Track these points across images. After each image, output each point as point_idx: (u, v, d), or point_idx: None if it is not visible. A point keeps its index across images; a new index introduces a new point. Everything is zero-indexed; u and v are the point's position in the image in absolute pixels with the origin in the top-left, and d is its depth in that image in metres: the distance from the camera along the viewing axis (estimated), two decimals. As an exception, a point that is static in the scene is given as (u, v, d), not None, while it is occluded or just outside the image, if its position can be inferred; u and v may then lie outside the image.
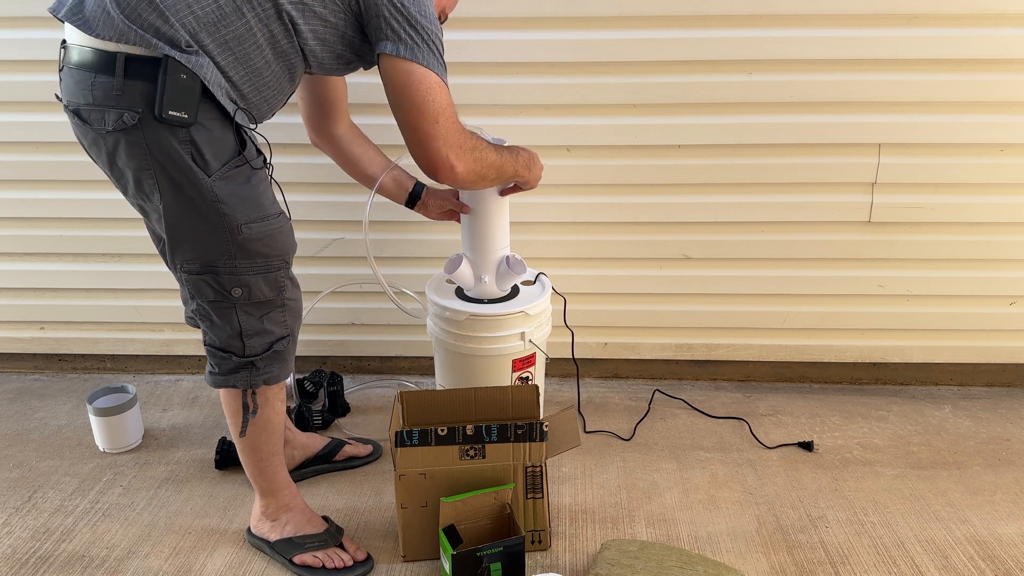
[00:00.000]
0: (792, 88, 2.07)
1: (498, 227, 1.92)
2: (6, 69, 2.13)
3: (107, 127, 1.34)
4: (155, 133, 1.33)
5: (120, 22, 1.29)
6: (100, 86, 1.32)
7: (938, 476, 1.96)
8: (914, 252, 2.23)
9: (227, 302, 1.47)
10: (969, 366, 2.40)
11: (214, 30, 1.33)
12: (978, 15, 1.98)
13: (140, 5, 1.29)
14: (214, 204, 1.39)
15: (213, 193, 1.39)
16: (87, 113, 1.35)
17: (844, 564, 1.66)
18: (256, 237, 1.44)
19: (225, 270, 1.44)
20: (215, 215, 1.40)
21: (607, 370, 2.46)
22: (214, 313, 1.48)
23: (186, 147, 1.35)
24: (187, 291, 1.51)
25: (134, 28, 1.29)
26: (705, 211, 2.21)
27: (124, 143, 1.35)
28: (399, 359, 2.47)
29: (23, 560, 1.68)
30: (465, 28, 2.04)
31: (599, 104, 2.10)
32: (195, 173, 1.37)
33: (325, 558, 1.63)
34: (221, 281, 1.45)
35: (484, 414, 1.73)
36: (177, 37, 1.30)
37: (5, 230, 2.31)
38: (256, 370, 1.53)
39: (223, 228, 1.41)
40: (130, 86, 1.31)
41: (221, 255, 1.43)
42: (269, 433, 1.60)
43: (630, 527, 1.78)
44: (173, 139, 1.34)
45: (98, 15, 1.30)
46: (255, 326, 1.50)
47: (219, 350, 1.51)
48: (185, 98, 1.32)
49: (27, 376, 2.51)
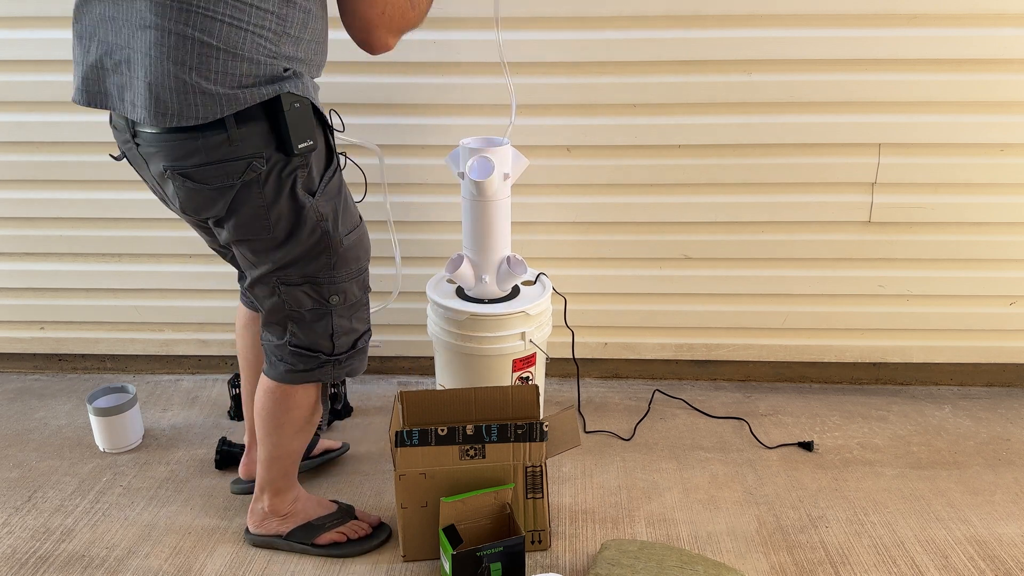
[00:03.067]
0: (792, 88, 2.07)
1: (499, 227, 1.92)
2: (6, 69, 2.13)
3: (233, 181, 1.29)
4: (277, 170, 1.31)
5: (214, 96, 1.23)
6: (210, 143, 1.26)
7: (938, 476, 1.96)
8: (914, 252, 2.23)
9: (324, 309, 1.47)
10: (969, 366, 2.40)
11: (290, 39, 1.28)
12: (978, 15, 1.99)
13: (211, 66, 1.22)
14: (318, 223, 1.39)
15: (318, 213, 1.39)
16: (201, 174, 1.29)
17: (844, 564, 1.66)
18: (351, 246, 1.46)
19: (325, 280, 1.44)
20: (319, 234, 1.40)
21: (607, 370, 2.46)
22: (309, 318, 1.48)
23: (302, 172, 1.34)
24: (278, 299, 1.46)
25: (236, 91, 1.24)
26: (705, 211, 2.21)
27: (254, 188, 1.31)
28: (399, 359, 2.47)
29: (23, 560, 1.68)
30: (465, 28, 2.04)
31: (599, 104, 2.10)
32: (303, 199, 1.36)
33: (348, 531, 1.69)
34: (320, 291, 1.45)
35: (484, 414, 1.73)
36: (274, 68, 1.26)
37: (5, 230, 2.31)
38: (340, 365, 1.55)
39: (326, 245, 1.41)
40: (246, 132, 1.26)
41: (322, 268, 1.43)
42: (309, 433, 1.62)
43: (630, 527, 1.78)
44: (292, 169, 1.33)
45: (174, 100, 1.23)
46: (345, 326, 1.51)
47: (307, 350, 1.51)
48: (306, 125, 1.30)
49: (27, 376, 2.51)
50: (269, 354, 1.54)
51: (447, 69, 2.08)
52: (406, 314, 2.35)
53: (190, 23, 1.19)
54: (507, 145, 1.88)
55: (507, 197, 1.91)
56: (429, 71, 2.09)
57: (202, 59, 1.21)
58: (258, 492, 1.68)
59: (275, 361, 1.53)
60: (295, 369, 1.52)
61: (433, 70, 2.09)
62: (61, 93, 2.13)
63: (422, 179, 2.20)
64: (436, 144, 2.15)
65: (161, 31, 1.20)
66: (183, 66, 1.21)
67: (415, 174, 2.20)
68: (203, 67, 1.21)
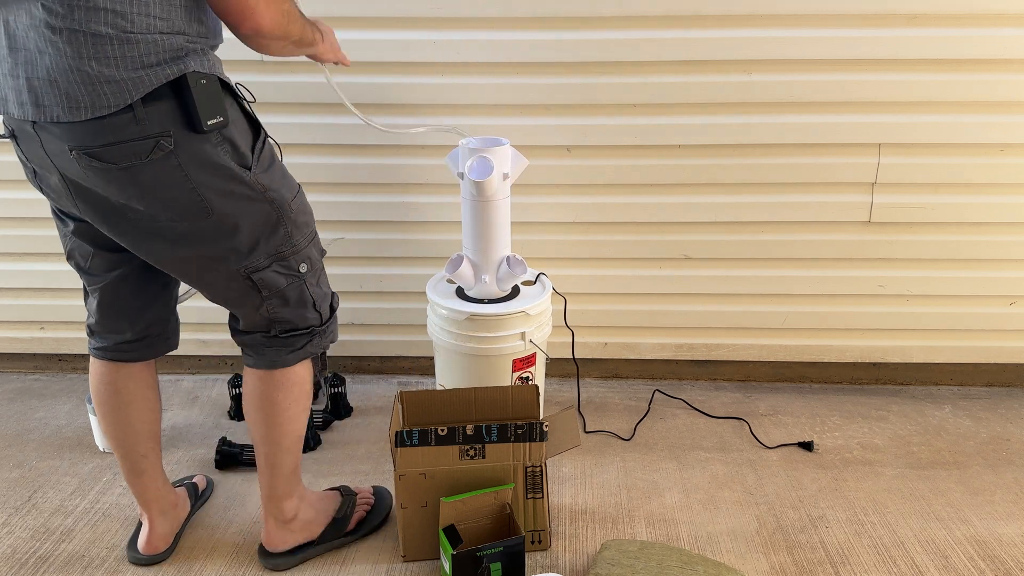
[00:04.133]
0: (792, 88, 2.07)
1: (499, 227, 1.92)
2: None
3: (140, 160, 1.26)
4: (192, 148, 1.28)
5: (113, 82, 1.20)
6: (116, 123, 1.23)
7: (938, 476, 1.96)
8: (914, 252, 2.23)
9: (298, 281, 1.47)
10: (969, 366, 2.40)
11: (180, 11, 1.24)
12: (978, 15, 1.99)
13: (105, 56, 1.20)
14: (264, 194, 1.38)
15: (260, 185, 1.37)
16: (108, 153, 1.25)
17: (844, 564, 1.66)
18: (299, 209, 1.46)
19: (289, 251, 1.44)
20: (269, 205, 1.39)
21: (607, 370, 2.46)
22: (289, 298, 1.48)
23: (224, 149, 1.32)
24: (253, 294, 1.44)
25: (139, 72, 1.22)
26: (705, 211, 2.21)
27: (164, 169, 1.28)
28: (399, 359, 2.47)
29: (23, 560, 1.68)
30: (465, 28, 2.04)
31: (599, 104, 2.10)
32: (239, 173, 1.34)
33: (364, 504, 1.77)
34: (288, 264, 1.45)
35: (484, 414, 1.73)
36: (172, 43, 1.24)
37: (5, 230, 2.31)
38: (325, 334, 1.56)
39: (279, 215, 1.41)
40: (152, 111, 1.24)
41: (282, 240, 1.43)
42: (308, 412, 1.62)
43: (630, 527, 1.78)
44: (209, 147, 1.30)
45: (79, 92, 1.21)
46: (318, 293, 1.52)
47: (300, 330, 1.51)
48: (214, 101, 1.28)
49: (27, 376, 2.51)
50: (257, 346, 1.52)
51: (447, 69, 2.08)
52: (406, 314, 2.35)
53: (75, 18, 1.18)
54: (507, 145, 1.88)
55: (507, 197, 1.91)
56: (429, 71, 2.09)
57: (97, 48, 1.20)
58: (275, 504, 1.62)
59: (264, 350, 1.52)
60: (292, 348, 1.52)
61: (433, 70, 2.09)
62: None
63: (422, 179, 2.20)
64: (436, 144, 2.15)
65: (53, 30, 1.19)
66: (82, 59, 1.20)
67: (415, 174, 2.20)
68: (100, 55, 1.20)
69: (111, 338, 1.57)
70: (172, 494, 1.72)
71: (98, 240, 1.46)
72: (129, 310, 1.55)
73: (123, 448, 1.61)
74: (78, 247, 1.49)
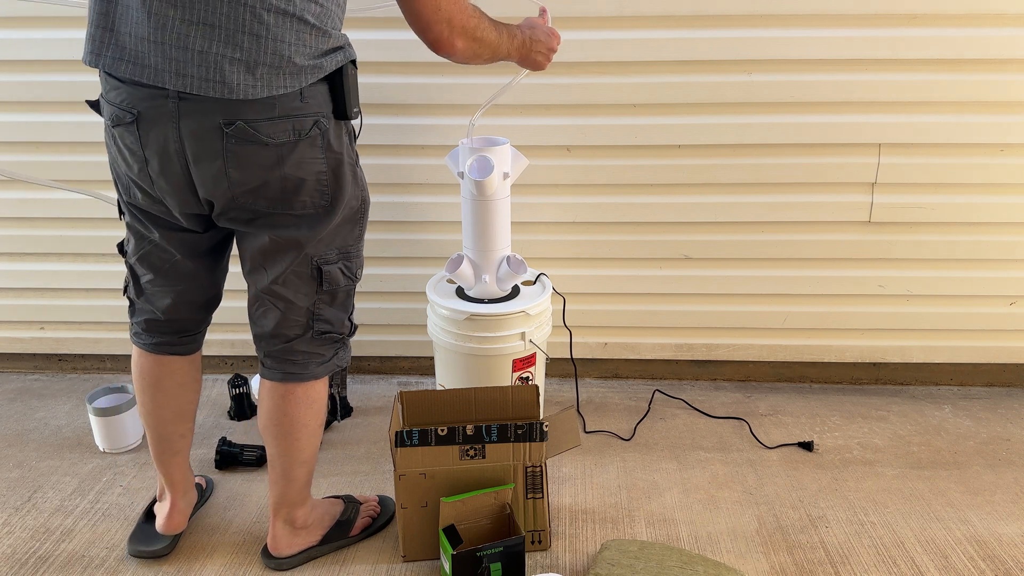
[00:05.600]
0: (792, 88, 2.07)
1: (499, 227, 1.92)
2: (6, 69, 2.13)
3: (298, 137, 1.30)
4: (335, 132, 1.35)
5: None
6: (285, 98, 1.27)
7: (938, 476, 1.96)
8: (914, 252, 2.23)
9: (351, 284, 1.50)
10: (969, 366, 2.40)
11: (339, 10, 1.32)
12: (978, 15, 1.99)
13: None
14: (362, 192, 1.44)
15: (363, 182, 1.44)
16: (269, 128, 1.27)
17: (844, 564, 1.66)
18: (367, 212, 1.49)
19: (354, 252, 1.48)
20: (361, 203, 1.45)
21: (607, 370, 2.46)
22: (339, 299, 1.49)
23: (349, 139, 1.39)
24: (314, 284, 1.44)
25: (319, 60, 1.28)
26: (705, 211, 2.21)
27: (309, 149, 1.32)
28: (399, 359, 2.47)
29: (23, 560, 1.68)
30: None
31: (599, 104, 2.11)
32: (356, 166, 1.41)
33: (369, 512, 1.76)
34: (350, 265, 1.48)
35: (484, 414, 1.73)
36: (339, 38, 1.31)
37: (5, 230, 2.31)
38: (346, 347, 1.57)
39: (362, 212, 1.46)
40: (313, 91, 1.29)
41: (354, 240, 1.47)
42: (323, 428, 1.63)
43: (630, 527, 1.78)
44: (344, 134, 1.37)
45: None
46: (351, 304, 1.55)
47: (336, 334, 1.52)
48: (357, 91, 1.36)
49: (27, 376, 2.51)
50: (283, 356, 1.49)
51: (447, 69, 2.08)
52: (406, 314, 2.35)
53: (294, 2, 1.23)
54: (507, 145, 1.88)
55: (507, 197, 1.91)
56: (429, 71, 2.09)
57: (299, 34, 1.25)
58: (285, 512, 1.62)
59: (292, 361, 1.49)
60: (322, 359, 1.51)
61: (433, 70, 2.09)
62: (61, 93, 2.13)
63: (422, 179, 2.20)
64: (436, 144, 2.15)
65: (268, 8, 1.21)
66: (282, 42, 1.24)
67: (415, 174, 2.20)
68: (298, 41, 1.25)
69: (176, 335, 1.58)
70: (192, 474, 1.75)
71: (189, 247, 1.47)
72: (201, 307, 1.59)
73: (164, 428, 1.63)
74: (159, 252, 1.48)
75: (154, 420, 1.62)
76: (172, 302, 1.53)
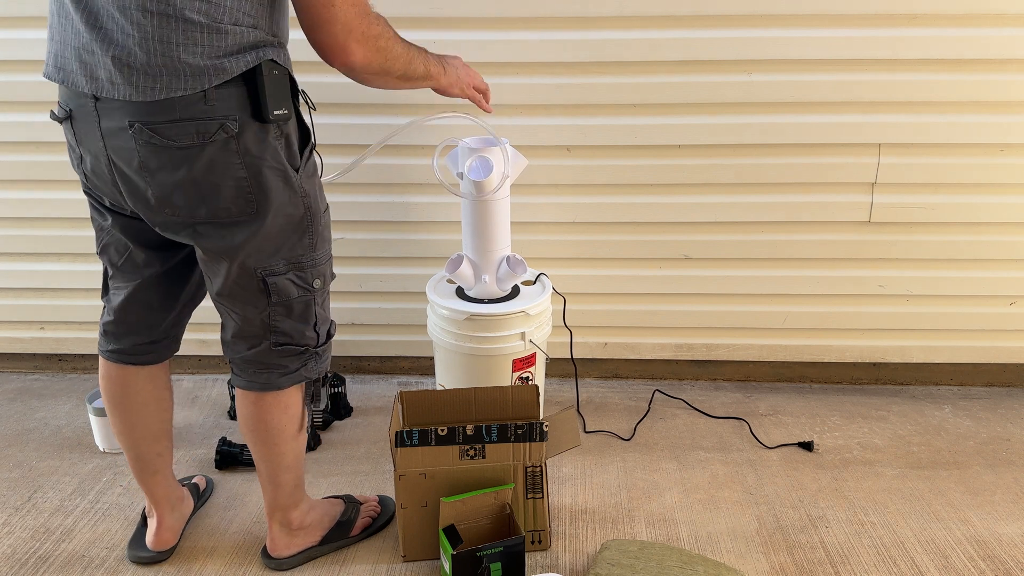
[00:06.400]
0: (792, 88, 2.07)
1: (499, 227, 1.92)
2: (6, 69, 2.13)
3: (203, 140, 1.25)
4: (252, 136, 1.28)
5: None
6: (186, 102, 1.23)
7: (938, 476, 1.96)
8: (914, 252, 2.23)
9: (308, 295, 1.45)
10: (969, 366, 2.40)
11: (265, 10, 1.26)
12: (978, 15, 1.99)
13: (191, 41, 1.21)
14: (303, 199, 1.38)
15: (302, 189, 1.37)
16: (171, 130, 1.24)
17: (844, 564, 1.66)
18: (325, 224, 1.45)
19: (308, 263, 1.43)
20: (302, 210, 1.38)
21: (607, 370, 2.46)
22: (296, 310, 1.45)
23: (280, 144, 1.32)
24: (262, 296, 1.41)
25: (221, 60, 1.23)
26: (705, 211, 2.21)
27: (220, 154, 1.27)
28: (399, 359, 2.47)
29: (23, 560, 1.68)
30: (465, 28, 2.04)
31: (599, 104, 2.10)
32: (288, 171, 1.34)
33: (370, 512, 1.76)
34: (304, 276, 1.43)
35: (484, 414, 1.73)
36: (255, 36, 1.25)
37: (5, 230, 2.31)
38: (320, 358, 1.53)
39: (310, 222, 1.40)
40: (223, 94, 1.25)
41: (305, 250, 1.41)
42: (305, 433, 1.61)
43: (630, 527, 1.78)
44: (268, 137, 1.30)
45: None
46: (322, 314, 1.50)
47: (297, 346, 1.48)
48: (282, 94, 1.29)
49: (27, 376, 2.51)
50: (247, 365, 1.48)
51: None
52: (406, 314, 2.35)
53: (171, 3, 1.19)
54: (507, 145, 1.88)
55: (506, 197, 1.91)
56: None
57: (186, 34, 1.21)
58: (279, 515, 1.62)
59: (256, 371, 1.48)
60: (285, 371, 1.49)
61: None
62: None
63: (422, 179, 2.20)
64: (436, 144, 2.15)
65: (144, 12, 1.20)
66: (169, 43, 1.21)
67: (415, 174, 2.20)
68: (188, 42, 1.21)
69: (129, 340, 1.55)
70: (179, 488, 1.72)
71: (139, 236, 1.45)
72: (155, 310, 1.54)
73: (138, 449, 1.60)
74: (115, 242, 1.47)
75: (126, 440, 1.60)
76: (124, 299, 1.51)
